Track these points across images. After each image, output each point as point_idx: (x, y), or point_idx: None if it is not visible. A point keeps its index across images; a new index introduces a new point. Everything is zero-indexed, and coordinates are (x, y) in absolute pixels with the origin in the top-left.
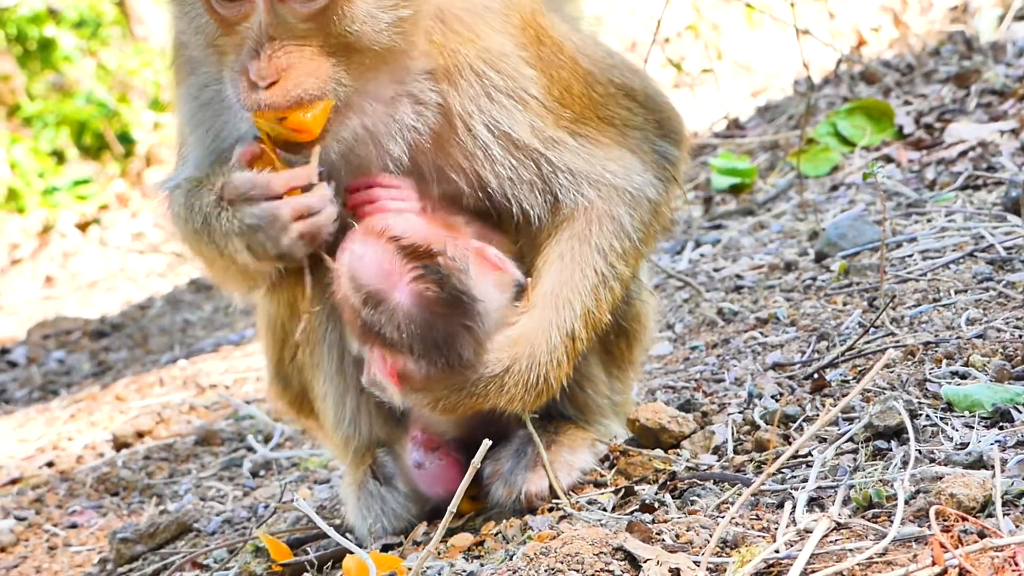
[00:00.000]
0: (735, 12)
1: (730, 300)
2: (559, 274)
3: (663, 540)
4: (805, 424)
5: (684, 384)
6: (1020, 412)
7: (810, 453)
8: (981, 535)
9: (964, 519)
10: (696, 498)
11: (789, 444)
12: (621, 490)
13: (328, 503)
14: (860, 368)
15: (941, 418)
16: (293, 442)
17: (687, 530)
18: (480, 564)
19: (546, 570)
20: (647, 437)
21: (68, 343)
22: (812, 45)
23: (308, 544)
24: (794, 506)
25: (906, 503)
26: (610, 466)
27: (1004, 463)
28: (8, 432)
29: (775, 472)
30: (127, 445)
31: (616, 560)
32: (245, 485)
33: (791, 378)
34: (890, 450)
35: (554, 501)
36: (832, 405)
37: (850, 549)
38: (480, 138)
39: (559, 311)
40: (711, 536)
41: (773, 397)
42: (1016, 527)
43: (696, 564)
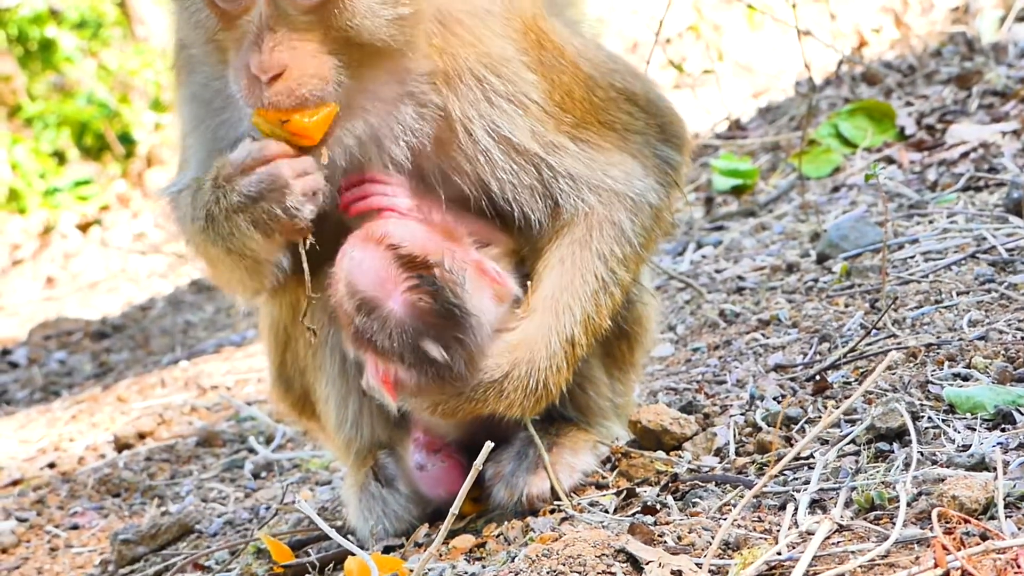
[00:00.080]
0: (736, 13)
1: (732, 302)
2: (559, 279)
3: (665, 542)
4: (807, 426)
5: (686, 386)
6: (1022, 414)
7: (812, 455)
8: (983, 537)
9: (966, 521)
10: (698, 500)
11: (791, 446)
12: (623, 492)
13: (330, 505)
14: (862, 370)
15: (943, 420)
16: (295, 443)
17: (689, 532)
18: (482, 566)
19: (548, 572)
20: (649, 439)
21: (69, 344)
22: (813, 46)
23: (310, 546)
24: (796, 508)
25: (908, 505)
26: (612, 468)
27: (1006, 465)
28: (9, 433)
29: (777, 474)
30: (128, 446)
31: (618, 562)
32: (247, 486)
33: (793, 380)
34: (892, 452)
35: (556, 503)
36: (834, 407)
37: (852, 551)
38: (481, 142)
39: (559, 316)
40: (713, 538)
41: (775, 399)
42: (1018, 529)
43: (698, 566)
